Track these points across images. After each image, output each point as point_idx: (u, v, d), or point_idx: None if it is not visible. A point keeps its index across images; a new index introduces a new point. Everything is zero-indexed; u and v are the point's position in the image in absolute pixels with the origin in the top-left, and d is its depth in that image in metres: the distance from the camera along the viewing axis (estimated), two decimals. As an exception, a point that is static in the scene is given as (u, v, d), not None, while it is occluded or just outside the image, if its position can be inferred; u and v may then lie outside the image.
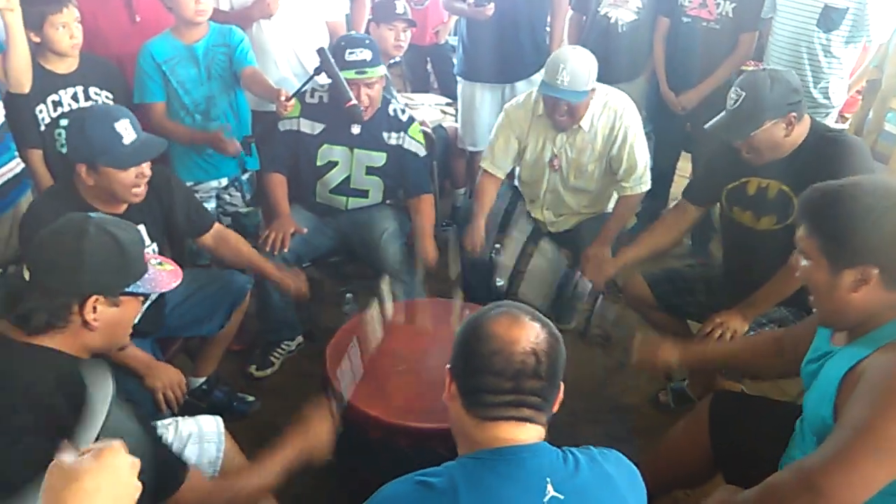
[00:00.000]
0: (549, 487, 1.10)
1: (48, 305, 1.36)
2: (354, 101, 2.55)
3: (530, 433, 1.16)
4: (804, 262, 1.45)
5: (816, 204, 1.43)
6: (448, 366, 1.23)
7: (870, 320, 1.39)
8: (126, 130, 2.00)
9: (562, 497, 1.09)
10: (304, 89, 2.67)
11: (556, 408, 1.21)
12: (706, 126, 2.25)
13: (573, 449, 1.19)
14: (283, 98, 2.49)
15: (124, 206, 2.10)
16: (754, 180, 2.26)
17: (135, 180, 2.03)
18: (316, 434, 1.67)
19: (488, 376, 1.15)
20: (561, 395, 1.22)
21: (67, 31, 2.43)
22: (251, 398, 2.64)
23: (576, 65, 2.55)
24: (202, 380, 2.56)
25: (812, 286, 1.45)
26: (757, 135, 2.09)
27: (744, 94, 2.10)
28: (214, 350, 2.54)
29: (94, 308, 1.40)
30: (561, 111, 2.64)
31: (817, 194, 1.44)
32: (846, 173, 1.98)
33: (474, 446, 1.17)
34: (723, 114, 2.20)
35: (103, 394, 0.81)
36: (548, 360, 1.16)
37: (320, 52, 2.55)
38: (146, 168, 2.05)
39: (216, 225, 2.44)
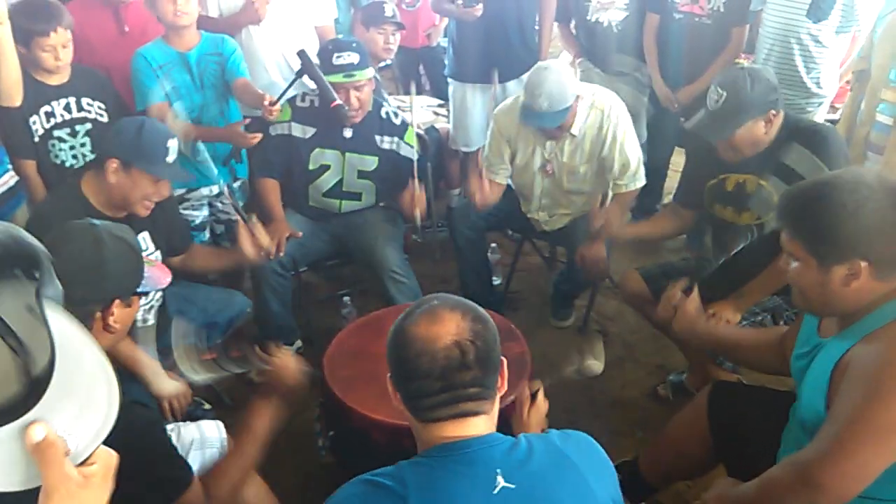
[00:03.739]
0: (500, 478, 1.10)
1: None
2: (339, 102, 2.56)
3: (478, 426, 1.16)
4: (793, 264, 1.46)
5: (794, 206, 1.45)
6: (388, 374, 1.23)
7: (861, 310, 1.40)
8: (173, 151, 2.15)
9: (513, 486, 1.10)
10: (294, 94, 2.67)
11: (503, 388, 1.21)
12: (687, 125, 2.27)
13: (529, 435, 1.19)
14: (267, 102, 2.49)
15: (124, 214, 2.17)
16: (732, 177, 2.28)
17: (152, 194, 2.13)
18: (282, 383, 1.66)
19: (418, 381, 1.15)
20: (505, 372, 1.21)
21: (52, 54, 2.43)
22: (208, 406, 2.58)
23: (552, 86, 2.51)
24: None
25: (804, 286, 1.45)
26: (739, 133, 2.12)
27: (725, 94, 2.12)
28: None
29: (113, 312, 1.44)
30: (552, 131, 2.65)
31: (793, 196, 1.46)
32: (823, 162, 2.01)
33: (426, 446, 1.18)
34: (704, 113, 2.21)
35: (102, 388, 0.78)
36: (474, 348, 1.14)
37: (301, 54, 2.55)
38: (167, 189, 2.18)
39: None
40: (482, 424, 1.17)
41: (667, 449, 1.96)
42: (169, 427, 1.80)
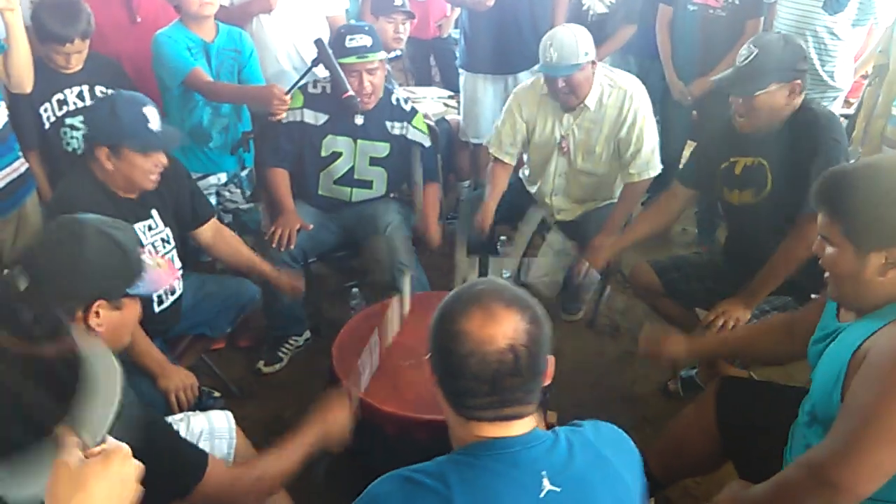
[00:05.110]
0: (545, 482, 1.07)
1: (51, 314, 1.32)
2: (352, 92, 2.56)
3: (519, 427, 1.11)
4: (829, 250, 1.41)
5: (833, 188, 1.40)
6: (427, 356, 1.16)
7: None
8: (153, 116, 2.05)
9: (558, 490, 1.06)
10: (306, 81, 2.67)
11: (548, 380, 1.14)
12: (714, 79, 2.27)
13: (565, 430, 1.15)
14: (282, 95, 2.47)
15: (138, 192, 2.14)
16: (741, 160, 2.26)
17: (152, 168, 2.07)
18: (333, 422, 1.65)
19: (465, 380, 1.08)
20: (551, 369, 1.15)
21: (64, 58, 2.46)
22: (217, 394, 2.59)
23: (561, 40, 2.58)
24: None
25: (838, 273, 1.41)
26: (761, 97, 2.09)
27: (756, 50, 2.10)
28: (200, 347, 2.54)
29: (97, 313, 1.37)
30: (561, 88, 2.64)
31: (835, 178, 1.41)
32: (816, 143, 2.00)
33: (462, 441, 1.14)
34: (731, 69, 2.19)
35: (111, 384, 0.79)
36: (528, 354, 1.08)
37: (318, 42, 2.56)
38: (163, 157, 2.10)
39: (214, 219, 2.45)
40: (524, 426, 1.12)
41: (674, 445, 1.94)
42: (178, 417, 1.81)
